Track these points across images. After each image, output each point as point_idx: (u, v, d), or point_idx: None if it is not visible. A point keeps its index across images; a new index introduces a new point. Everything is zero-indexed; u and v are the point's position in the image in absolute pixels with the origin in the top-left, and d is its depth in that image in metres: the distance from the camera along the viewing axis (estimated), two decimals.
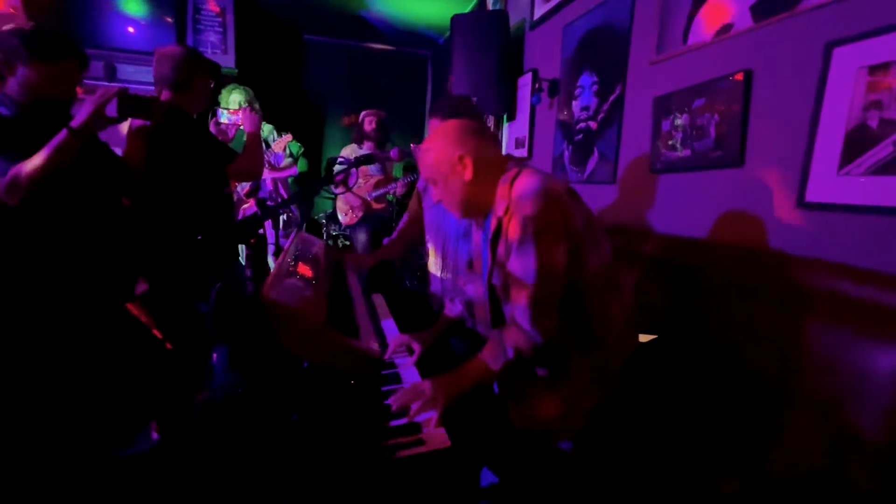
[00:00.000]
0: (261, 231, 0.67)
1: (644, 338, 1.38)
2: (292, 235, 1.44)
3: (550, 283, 0.98)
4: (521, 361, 1.01)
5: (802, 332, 1.12)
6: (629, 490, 1.14)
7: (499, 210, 1.07)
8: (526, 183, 1.01)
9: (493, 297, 1.15)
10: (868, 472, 0.95)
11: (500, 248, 1.07)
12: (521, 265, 0.99)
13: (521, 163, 1.12)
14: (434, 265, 1.72)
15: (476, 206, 1.12)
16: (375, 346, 1.06)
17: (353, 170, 2.74)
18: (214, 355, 2.07)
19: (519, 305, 1.00)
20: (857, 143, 1.05)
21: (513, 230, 1.00)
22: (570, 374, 1.11)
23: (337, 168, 3.09)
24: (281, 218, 3.01)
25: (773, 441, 1.11)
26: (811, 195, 1.16)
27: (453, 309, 1.38)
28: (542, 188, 0.99)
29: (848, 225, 1.08)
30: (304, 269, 1.13)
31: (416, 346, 1.25)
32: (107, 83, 3.36)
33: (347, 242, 3.79)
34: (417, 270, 3.39)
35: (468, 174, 1.06)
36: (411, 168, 4.12)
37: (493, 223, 1.08)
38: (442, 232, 1.68)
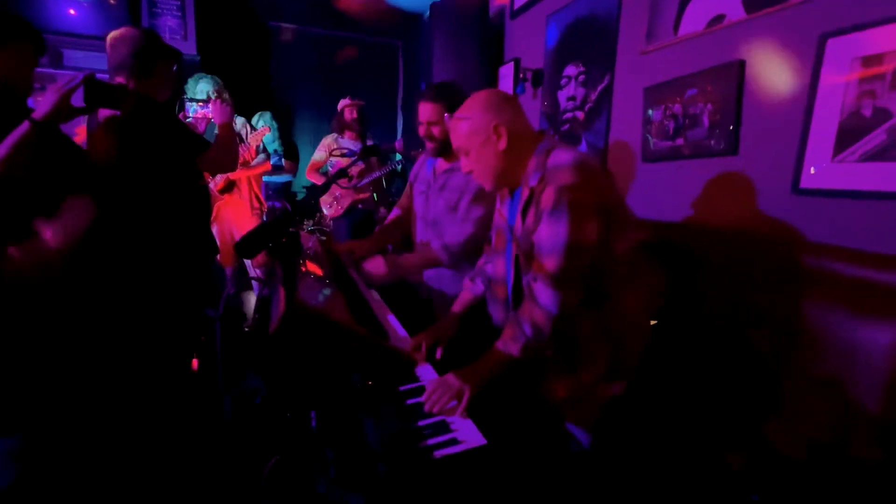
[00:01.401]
0: (292, 229, 0.62)
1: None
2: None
3: (578, 255, 0.97)
4: (539, 338, 1.01)
5: (801, 312, 1.17)
6: (642, 479, 1.16)
7: (531, 180, 1.05)
8: (563, 155, 1.02)
9: (516, 268, 1.14)
10: (869, 442, 1.01)
11: (530, 217, 1.06)
12: (551, 234, 0.98)
13: (555, 139, 1.11)
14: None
15: (508, 176, 1.11)
16: (406, 345, 1.03)
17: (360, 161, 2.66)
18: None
19: (541, 275, 0.99)
20: (850, 131, 1.11)
21: (546, 198, 0.99)
22: (586, 360, 1.11)
23: (331, 159, 2.99)
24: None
25: (778, 418, 1.17)
26: (805, 182, 1.21)
27: (474, 289, 1.35)
28: (580, 161, 0.99)
29: (842, 210, 1.14)
30: (314, 268, 1.08)
31: (439, 349, 1.21)
32: (52, 70, 3.07)
33: (324, 238, 3.68)
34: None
35: (503, 143, 1.05)
36: (386, 157, 4.04)
37: (525, 193, 1.07)
38: (430, 217, 1.65)
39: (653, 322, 1.46)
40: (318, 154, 3.03)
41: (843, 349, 1.08)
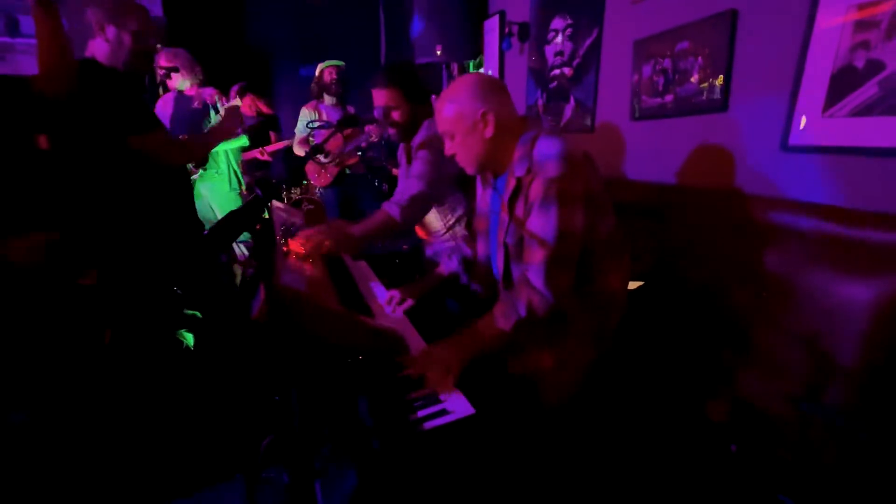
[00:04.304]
0: (265, 215, 0.60)
1: (632, 285, 1.43)
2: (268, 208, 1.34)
3: (568, 243, 1.00)
4: (532, 320, 1.03)
5: (783, 269, 1.19)
6: (620, 443, 1.21)
7: (518, 170, 1.05)
8: (548, 145, 1.01)
9: (505, 255, 1.15)
10: (844, 393, 1.05)
11: (519, 208, 1.07)
12: (541, 225, 0.99)
13: (539, 124, 1.10)
14: (427, 228, 1.68)
15: (490, 163, 1.11)
16: (391, 323, 1.03)
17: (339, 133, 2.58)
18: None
19: (534, 264, 1.01)
20: (842, 84, 1.07)
21: (535, 190, 1.00)
22: (568, 332, 1.14)
23: (307, 130, 2.87)
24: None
25: (758, 373, 1.21)
26: (794, 139, 1.19)
27: (449, 265, 1.37)
28: (564, 152, 0.99)
29: (830, 167, 1.13)
30: (297, 247, 1.06)
31: (409, 300, 1.25)
32: (9, 39, 2.89)
33: (311, 206, 3.62)
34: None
35: (490, 131, 1.05)
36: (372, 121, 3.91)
37: (512, 183, 1.07)
38: None
39: (640, 283, 1.49)
40: (299, 126, 2.92)
41: (824, 306, 1.11)
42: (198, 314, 1.95)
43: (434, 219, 1.60)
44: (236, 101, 2.67)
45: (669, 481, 1.16)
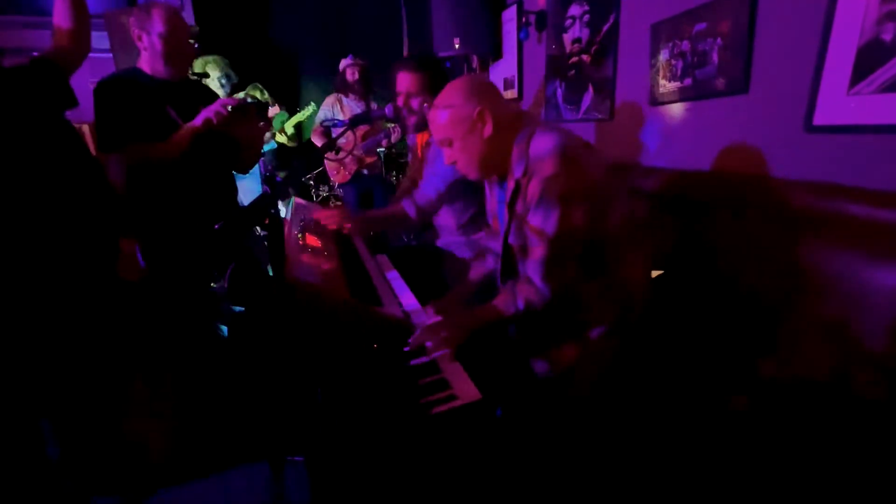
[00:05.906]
0: (273, 210, 0.65)
1: (653, 273, 1.41)
2: (289, 204, 1.40)
3: (567, 242, 0.98)
4: (529, 314, 1.04)
5: (809, 254, 1.14)
6: (643, 430, 1.20)
7: (516, 172, 1.04)
8: (543, 142, 0.99)
9: (509, 255, 1.15)
10: (873, 382, 1.01)
11: (519, 209, 1.06)
12: (539, 222, 0.99)
13: (535, 120, 1.09)
14: (444, 219, 1.70)
15: (494, 164, 1.09)
16: (399, 312, 1.07)
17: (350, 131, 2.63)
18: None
19: (532, 260, 1.02)
20: (869, 59, 1.02)
21: (532, 191, 0.99)
22: (592, 322, 1.13)
23: (322, 126, 2.94)
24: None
25: (785, 361, 1.17)
26: (819, 118, 1.14)
27: (485, 265, 1.36)
28: (560, 148, 0.96)
29: (857, 147, 1.07)
30: (312, 240, 1.12)
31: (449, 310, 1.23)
32: None
33: (339, 202, 3.71)
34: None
35: (488, 130, 1.03)
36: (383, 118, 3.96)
37: (511, 185, 1.06)
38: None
39: (659, 272, 1.46)
40: (321, 113, 2.96)
41: (853, 292, 1.06)
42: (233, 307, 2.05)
43: (447, 216, 1.62)
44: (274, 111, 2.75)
45: (690, 473, 1.15)
